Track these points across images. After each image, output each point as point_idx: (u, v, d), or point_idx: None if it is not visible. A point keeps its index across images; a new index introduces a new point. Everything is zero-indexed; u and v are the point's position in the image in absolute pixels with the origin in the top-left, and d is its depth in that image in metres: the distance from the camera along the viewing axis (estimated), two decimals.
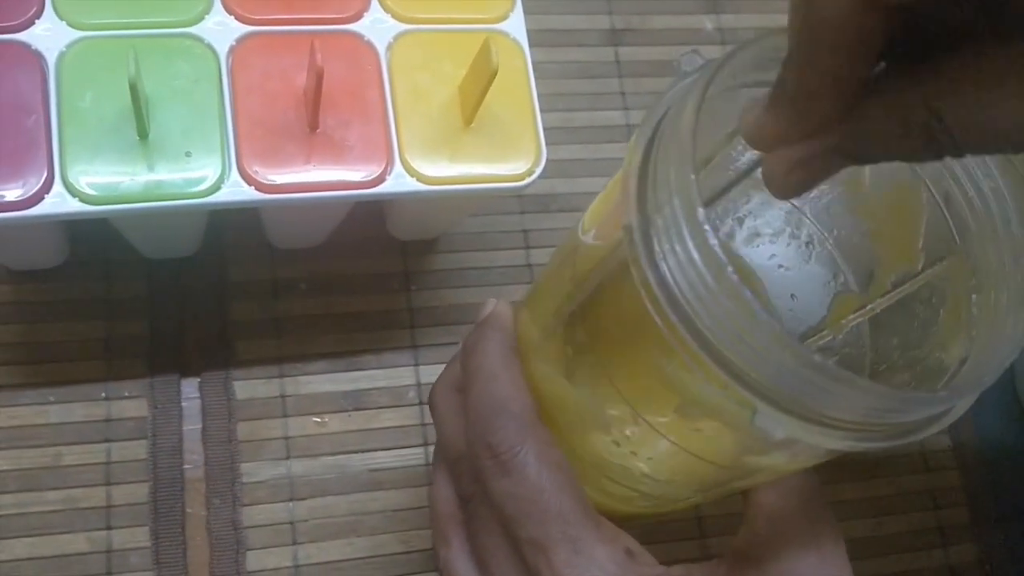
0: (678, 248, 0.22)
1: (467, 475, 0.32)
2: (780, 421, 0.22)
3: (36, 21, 0.38)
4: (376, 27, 0.41)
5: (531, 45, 0.43)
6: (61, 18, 0.38)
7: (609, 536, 0.29)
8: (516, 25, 0.43)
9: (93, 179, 0.37)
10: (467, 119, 0.41)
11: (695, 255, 0.22)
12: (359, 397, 0.48)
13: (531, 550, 0.29)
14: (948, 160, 0.24)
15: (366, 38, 0.41)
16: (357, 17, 0.41)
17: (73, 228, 0.45)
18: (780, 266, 0.32)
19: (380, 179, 0.40)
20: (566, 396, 0.30)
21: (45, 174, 0.36)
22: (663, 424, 0.27)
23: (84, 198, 0.36)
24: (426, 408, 0.48)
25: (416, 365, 0.49)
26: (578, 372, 0.29)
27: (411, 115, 0.41)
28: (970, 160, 0.25)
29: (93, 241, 0.47)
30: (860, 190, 0.28)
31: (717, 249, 0.21)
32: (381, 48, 0.41)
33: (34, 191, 0.36)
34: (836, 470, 0.52)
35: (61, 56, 0.38)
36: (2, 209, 0.36)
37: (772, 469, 0.28)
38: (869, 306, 0.29)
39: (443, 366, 0.49)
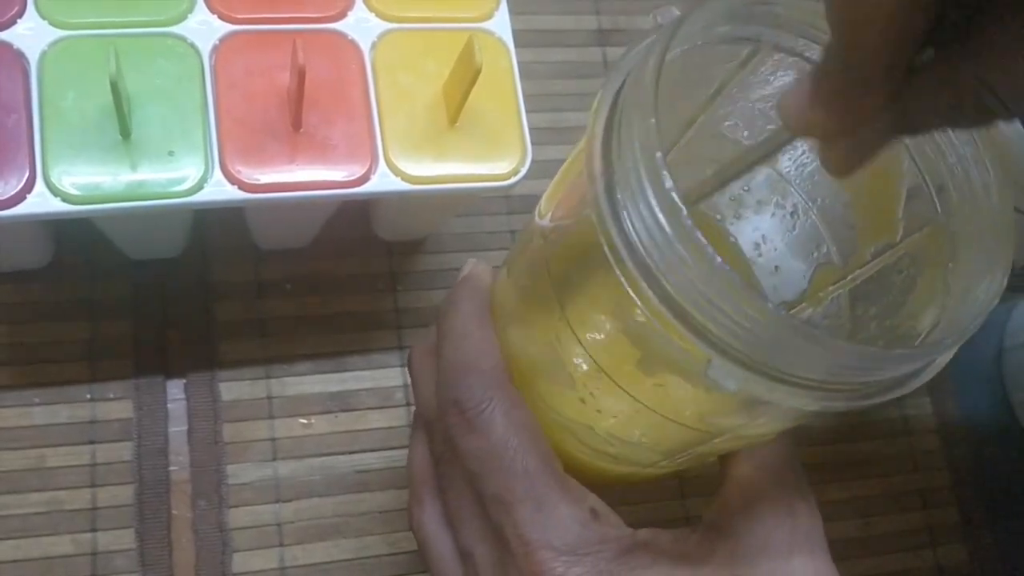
0: (638, 196, 0.22)
1: (438, 435, 0.32)
2: (733, 374, 0.22)
3: (18, 20, 0.38)
4: (360, 26, 0.41)
5: (518, 45, 0.42)
6: (43, 17, 0.38)
7: (574, 496, 0.29)
8: (501, 24, 0.43)
9: (75, 178, 0.36)
10: (452, 118, 0.41)
11: (652, 200, 0.21)
12: (346, 398, 0.48)
13: (495, 507, 0.29)
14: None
15: (350, 37, 0.41)
16: (341, 16, 0.41)
17: (57, 229, 0.45)
18: (764, 237, 0.31)
19: (364, 178, 0.39)
20: (534, 352, 0.30)
21: (27, 174, 0.36)
22: (625, 379, 0.26)
23: (66, 197, 0.36)
24: (414, 409, 0.48)
25: (403, 366, 0.49)
26: (547, 329, 0.28)
27: (395, 114, 0.40)
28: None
29: (77, 242, 0.46)
30: None
31: (673, 193, 0.21)
32: (365, 47, 0.41)
33: (16, 191, 0.36)
34: (823, 470, 0.52)
35: (43, 55, 0.38)
36: None
37: (739, 432, 0.28)
38: (849, 277, 0.29)
39: None
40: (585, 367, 0.27)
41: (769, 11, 0.25)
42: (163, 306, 0.47)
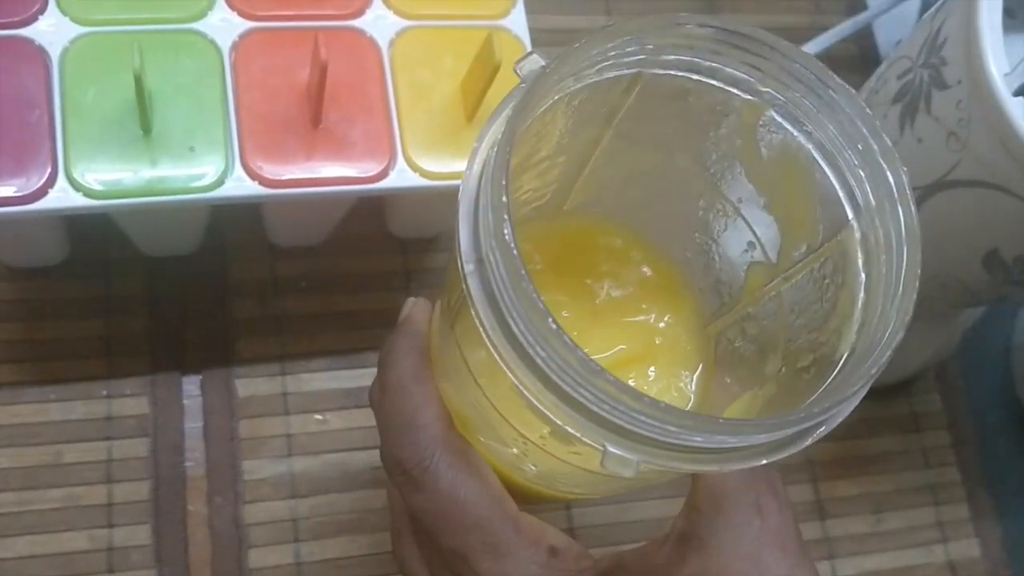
0: (494, 262, 0.22)
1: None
2: (626, 461, 0.22)
3: (40, 16, 0.38)
4: (378, 23, 0.42)
5: (532, 44, 0.43)
6: (64, 13, 0.38)
7: (531, 537, 0.29)
8: (518, 21, 0.43)
9: (97, 174, 0.37)
10: (469, 115, 0.41)
11: (496, 255, 0.22)
12: (361, 395, 0.48)
13: (455, 560, 0.29)
14: (840, 132, 0.25)
15: (368, 34, 0.41)
16: (359, 13, 0.41)
17: (74, 226, 0.45)
18: (698, 233, 0.31)
19: (383, 174, 0.40)
20: (465, 407, 0.30)
21: (49, 169, 0.36)
22: (547, 445, 0.26)
23: (88, 193, 0.36)
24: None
25: None
26: (467, 390, 0.28)
27: (413, 111, 0.41)
28: (860, 129, 0.25)
29: (93, 239, 0.47)
30: (757, 162, 0.28)
31: (509, 238, 0.21)
32: (383, 44, 0.41)
33: (38, 186, 0.36)
34: (834, 466, 0.52)
35: (64, 52, 0.38)
36: (6, 204, 0.36)
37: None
38: (780, 277, 0.29)
39: None
40: (512, 435, 0.27)
41: (639, 49, 0.26)
42: (179, 303, 0.47)
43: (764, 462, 0.24)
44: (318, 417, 0.47)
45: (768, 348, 0.29)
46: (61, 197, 0.36)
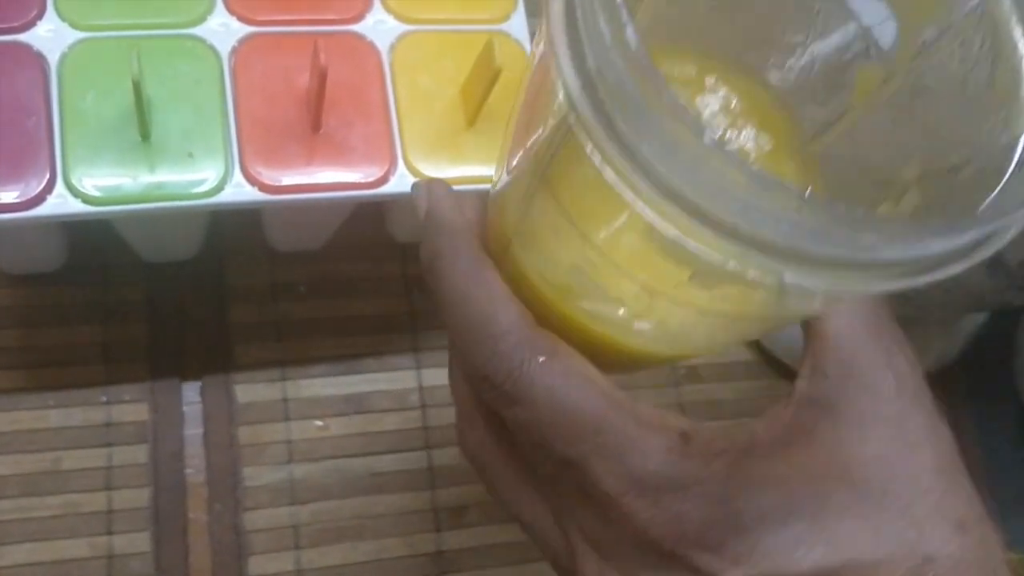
0: (605, 51, 0.18)
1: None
2: (811, 275, 0.18)
3: (38, 22, 0.38)
4: (378, 28, 0.41)
5: (531, 48, 0.43)
6: (63, 19, 0.38)
7: (656, 425, 0.25)
8: (518, 26, 0.43)
9: (95, 180, 0.36)
10: (469, 120, 0.41)
11: (620, 62, 0.18)
12: (361, 401, 0.48)
13: (571, 470, 0.25)
14: None
15: (368, 39, 0.41)
16: (359, 18, 0.41)
17: (72, 232, 0.45)
18: (788, 35, 0.27)
19: (383, 180, 0.39)
20: (562, 281, 0.26)
21: (47, 175, 0.36)
22: (681, 297, 0.23)
23: (86, 199, 0.36)
24: (429, 411, 0.49)
25: (418, 368, 0.49)
26: (574, 256, 0.24)
27: (413, 116, 0.40)
28: None
29: (91, 245, 0.46)
30: None
31: (632, 38, 0.18)
32: (383, 48, 0.41)
33: (36, 192, 0.36)
34: None
35: (63, 57, 0.38)
36: (4, 210, 0.36)
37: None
38: (900, 74, 0.25)
39: (445, 369, 0.49)
40: (632, 290, 0.24)
41: None
42: (178, 309, 0.47)
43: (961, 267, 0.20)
44: (318, 423, 0.47)
45: (895, 156, 0.26)
46: (59, 203, 0.36)
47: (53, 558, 0.43)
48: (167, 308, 0.47)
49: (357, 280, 0.50)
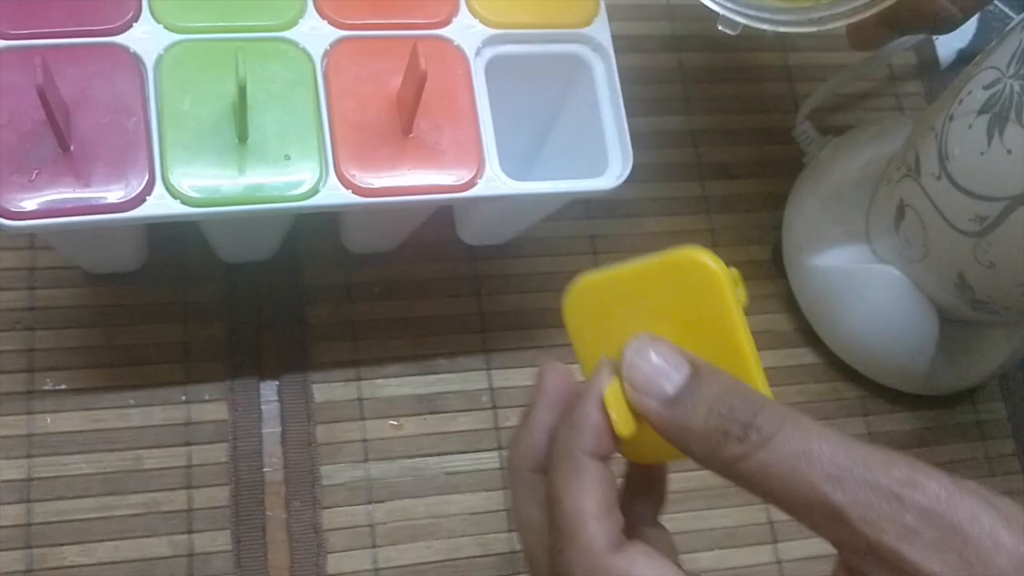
0: None
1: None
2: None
3: (134, 24, 0.38)
4: (465, 32, 0.42)
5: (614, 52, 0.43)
6: (158, 21, 0.39)
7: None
8: (601, 30, 0.43)
9: (194, 181, 0.37)
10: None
11: None
12: (434, 401, 0.48)
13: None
14: None
15: (455, 42, 0.41)
16: (446, 22, 0.42)
17: (153, 231, 0.45)
18: None
19: (471, 183, 0.40)
20: None
21: (146, 176, 0.36)
22: None
23: (185, 200, 0.37)
24: (500, 412, 0.49)
25: (488, 369, 0.49)
26: None
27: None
28: None
29: (170, 245, 0.47)
30: None
31: None
32: (470, 52, 0.41)
33: (136, 193, 0.36)
34: None
35: (159, 59, 0.38)
36: (106, 211, 0.36)
37: None
38: None
39: (514, 371, 0.50)
40: None
41: None
42: (255, 309, 0.48)
43: None
44: (392, 423, 0.48)
45: None
46: (159, 204, 0.36)
47: (135, 556, 0.43)
48: (245, 308, 0.47)
49: (428, 281, 0.50)
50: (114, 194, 0.36)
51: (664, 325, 0.26)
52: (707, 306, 0.25)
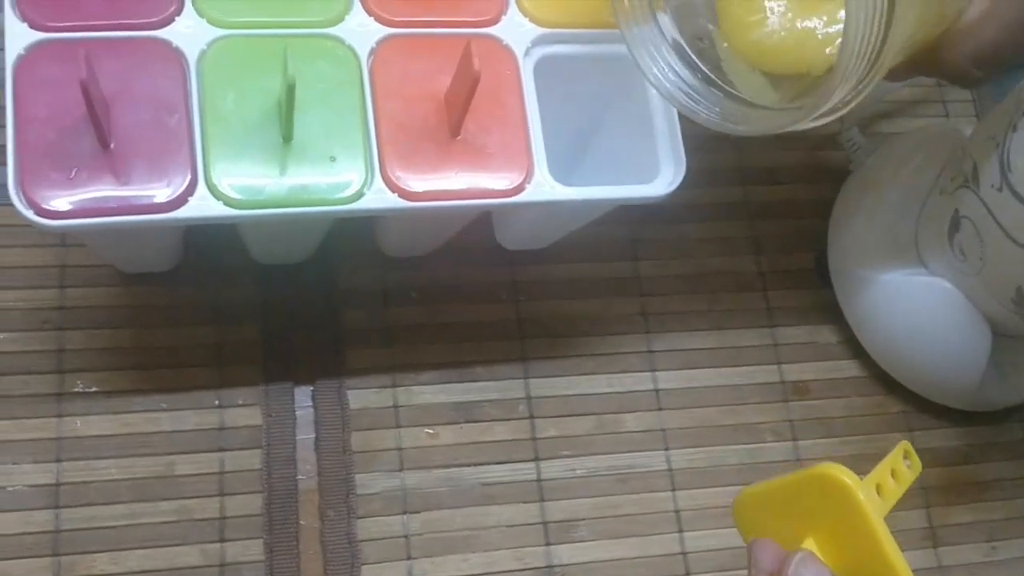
0: None
1: None
2: None
3: (176, 18, 0.37)
4: (514, 30, 0.40)
5: None
6: (201, 15, 0.37)
7: None
8: None
9: (237, 181, 0.36)
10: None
11: None
12: (470, 409, 0.47)
13: None
14: None
15: (504, 42, 0.40)
16: (495, 20, 0.40)
17: (188, 231, 0.44)
18: None
19: (520, 188, 0.38)
20: None
21: (188, 176, 0.35)
22: None
23: (228, 201, 0.35)
24: (538, 421, 0.48)
25: (526, 378, 0.48)
26: None
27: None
28: None
29: (204, 244, 0.46)
30: None
31: None
32: (519, 52, 0.40)
33: (178, 193, 0.35)
34: (948, 493, 0.51)
35: (202, 54, 0.37)
36: (146, 211, 0.35)
37: None
38: None
39: (552, 379, 0.48)
40: None
41: None
42: (290, 312, 0.46)
43: None
44: (428, 431, 0.46)
45: None
46: (201, 206, 0.35)
47: (166, 565, 0.42)
48: (280, 311, 0.46)
49: (466, 286, 0.49)
50: (155, 194, 0.35)
51: (817, 529, 0.29)
52: (849, 518, 0.28)
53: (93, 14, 0.36)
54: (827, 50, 0.37)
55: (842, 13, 0.36)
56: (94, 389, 0.43)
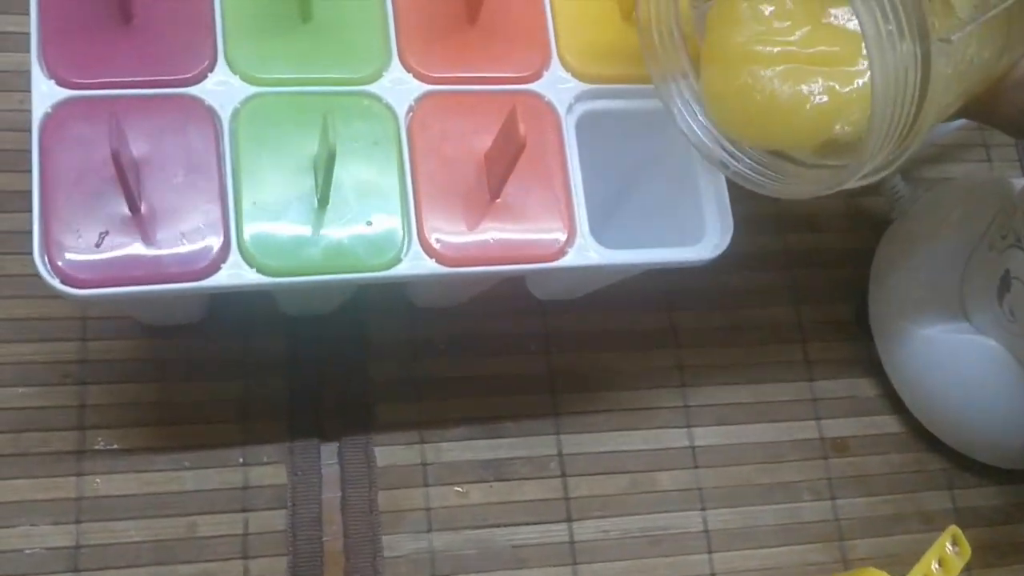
0: None
1: None
2: None
3: (208, 74, 0.36)
4: (556, 87, 0.39)
5: None
6: (234, 71, 0.36)
7: None
8: None
9: (271, 247, 0.34)
10: None
11: None
12: (500, 467, 0.46)
13: None
14: None
15: (546, 98, 0.39)
16: (537, 75, 0.39)
17: None
18: None
19: (561, 252, 0.37)
20: None
21: (221, 240, 0.34)
22: None
23: (262, 268, 0.34)
24: (570, 480, 0.46)
25: (558, 434, 0.47)
26: None
27: None
28: None
29: (231, 297, 0.44)
30: None
31: None
32: (562, 109, 0.39)
33: (211, 259, 0.34)
34: (991, 553, 0.49)
35: (235, 112, 0.36)
36: (179, 279, 0.33)
37: None
38: None
39: (585, 435, 0.47)
40: None
41: None
42: (317, 365, 0.45)
43: None
44: (457, 489, 0.45)
45: None
46: (234, 274, 0.34)
47: None
48: (307, 364, 0.45)
49: (496, 338, 0.48)
50: (186, 261, 0.34)
51: None
52: None
53: (122, 70, 0.35)
54: (837, 127, 0.35)
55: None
56: (115, 446, 0.42)
